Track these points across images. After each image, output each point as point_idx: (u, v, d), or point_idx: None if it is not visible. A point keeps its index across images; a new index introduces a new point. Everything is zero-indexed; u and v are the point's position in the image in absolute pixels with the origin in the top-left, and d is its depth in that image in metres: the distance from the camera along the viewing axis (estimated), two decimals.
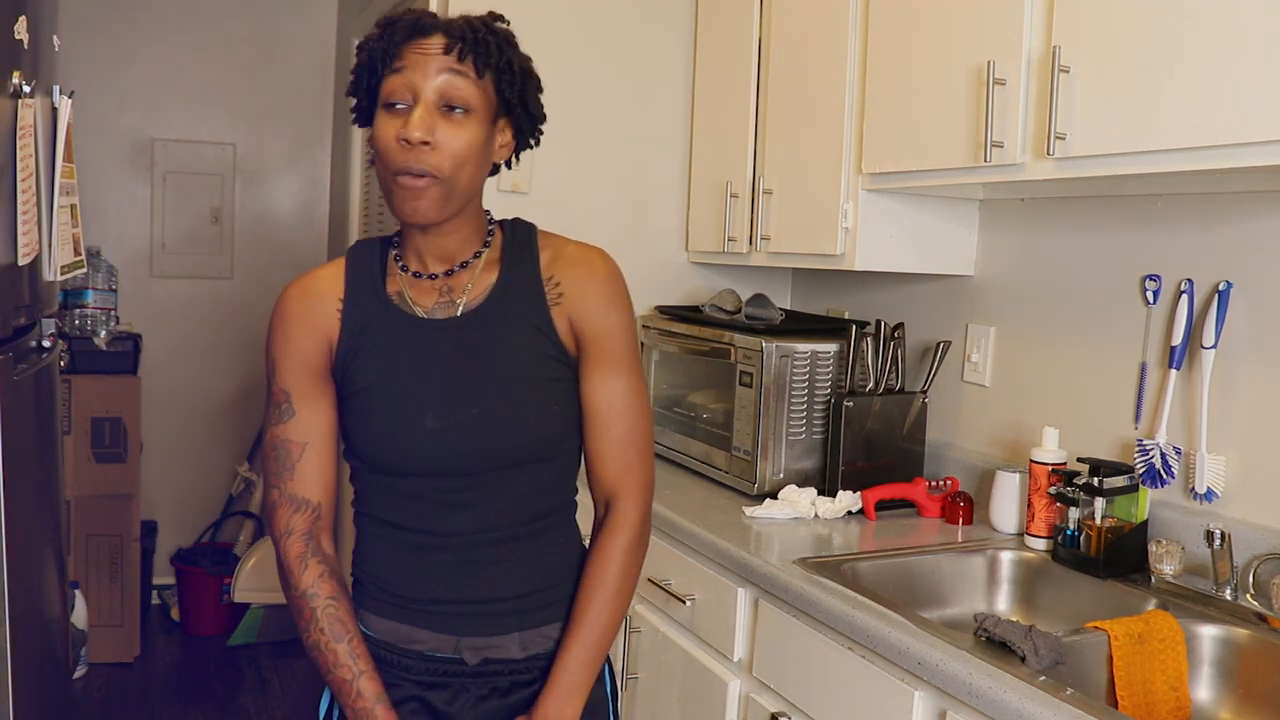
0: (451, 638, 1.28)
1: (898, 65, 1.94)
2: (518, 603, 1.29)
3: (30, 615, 1.76)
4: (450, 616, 1.28)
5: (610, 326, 1.28)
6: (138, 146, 4.01)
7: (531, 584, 1.30)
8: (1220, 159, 1.38)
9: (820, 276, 2.70)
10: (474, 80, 1.19)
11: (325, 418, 1.28)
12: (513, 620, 1.29)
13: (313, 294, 1.29)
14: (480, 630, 1.28)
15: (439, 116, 1.17)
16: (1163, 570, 1.65)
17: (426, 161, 1.17)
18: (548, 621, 1.31)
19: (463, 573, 1.27)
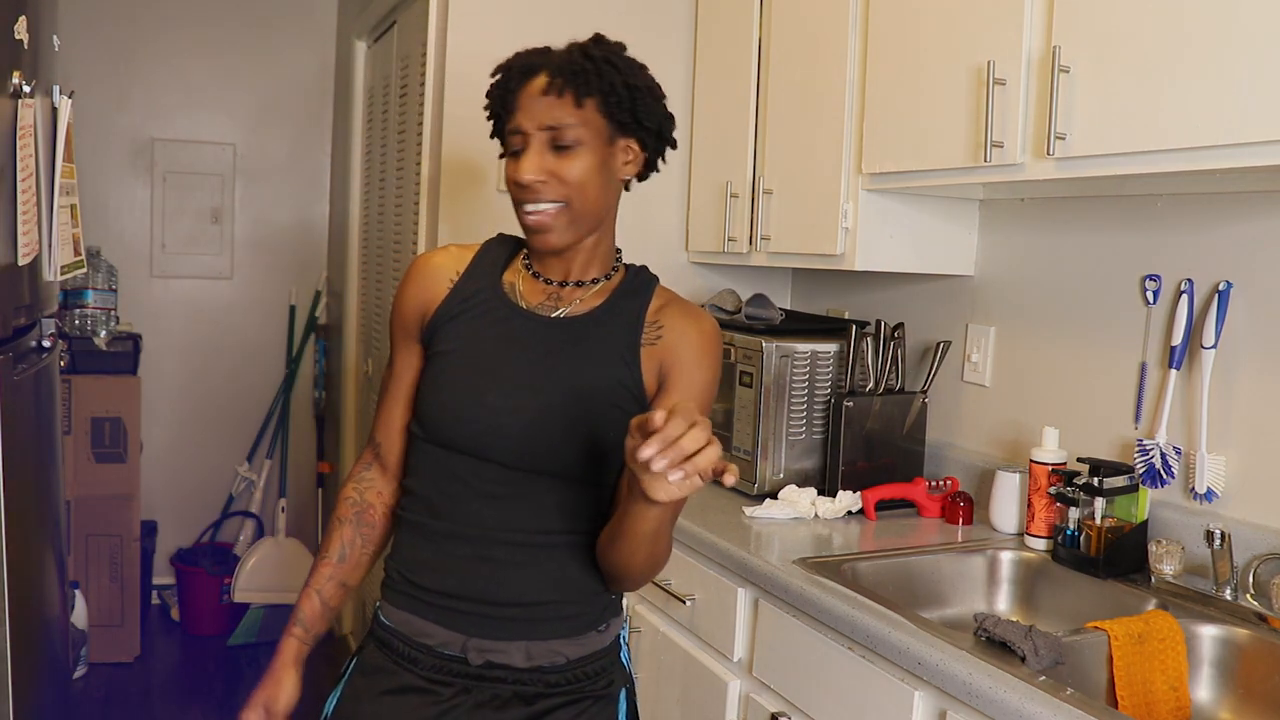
0: (459, 635, 1.27)
1: (898, 65, 1.94)
2: (527, 610, 1.28)
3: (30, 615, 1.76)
4: (460, 614, 1.27)
5: (695, 378, 1.29)
6: (138, 146, 4.01)
7: (543, 594, 1.28)
8: (1220, 159, 1.38)
9: (820, 276, 2.70)
10: (575, 111, 1.23)
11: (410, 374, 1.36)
12: (520, 627, 1.28)
13: (433, 265, 1.36)
14: (487, 632, 1.27)
15: (550, 155, 1.24)
16: (1163, 570, 1.65)
17: (541, 196, 1.24)
18: (556, 636, 1.29)
19: (477, 569, 1.27)
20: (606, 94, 1.25)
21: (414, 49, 2.85)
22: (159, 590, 4.03)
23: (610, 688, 1.33)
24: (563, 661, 1.29)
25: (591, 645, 1.31)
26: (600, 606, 1.32)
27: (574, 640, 1.30)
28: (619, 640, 1.37)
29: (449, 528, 1.28)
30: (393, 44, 3.20)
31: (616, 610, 1.36)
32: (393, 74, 3.16)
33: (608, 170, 1.27)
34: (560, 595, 1.29)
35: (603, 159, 1.26)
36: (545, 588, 1.28)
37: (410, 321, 1.36)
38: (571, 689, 1.29)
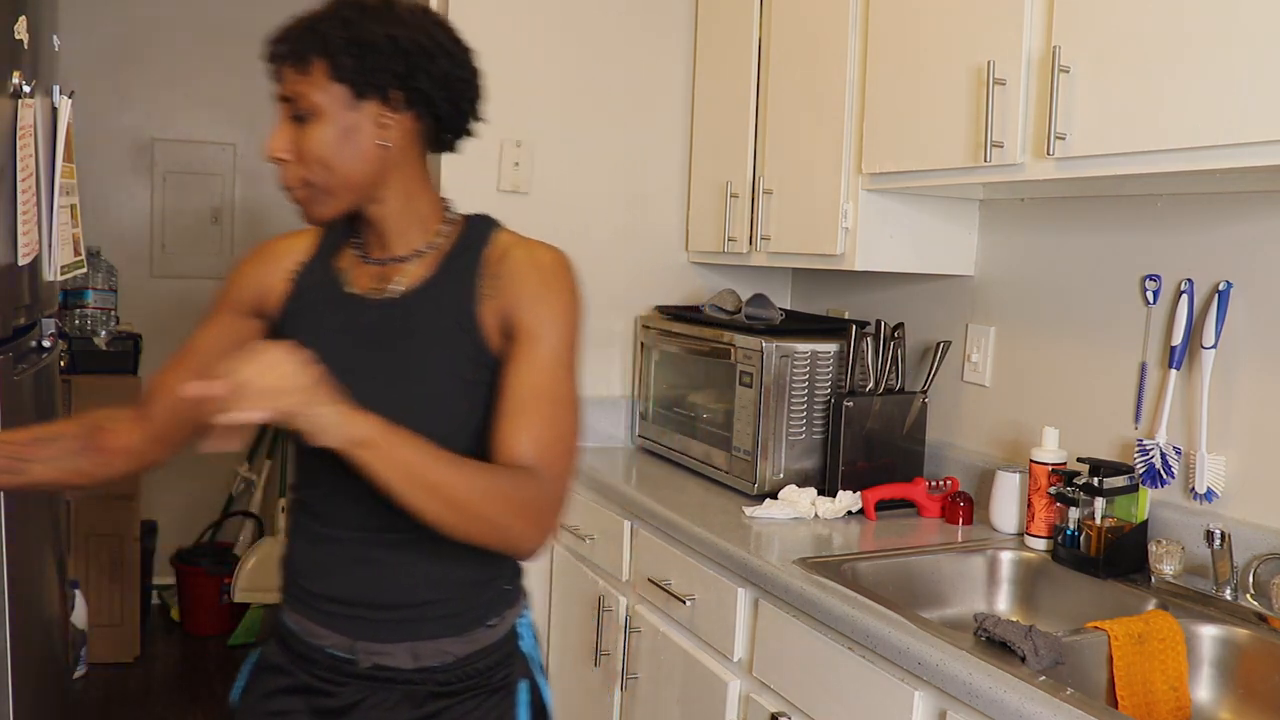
0: (347, 639, 1.25)
1: (898, 65, 1.94)
2: (409, 611, 1.24)
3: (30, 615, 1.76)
4: (345, 617, 1.25)
5: (541, 316, 1.20)
6: (138, 146, 4.01)
7: (423, 594, 1.24)
8: (1220, 159, 1.38)
9: (820, 276, 2.70)
10: (304, 79, 1.16)
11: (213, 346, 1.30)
12: (404, 629, 1.24)
13: (275, 252, 1.33)
14: (372, 635, 1.24)
15: (293, 127, 1.18)
16: (1163, 570, 1.65)
17: (289, 176, 1.19)
18: (442, 635, 1.25)
19: (356, 572, 1.24)
20: (330, 55, 1.15)
21: None
22: (159, 590, 4.03)
23: (507, 680, 1.30)
24: (451, 660, 1.25)
25: (481, 641, 1.28)
26: (486, 601, 1.28)
27: (461, 638, 1.26)
28: (515, 631, 1.33)
29: (328, 531, 1.26)
30: None
31: (509, 601, 1.32)
32: None
33: (355, 139, 1.17)
34: (440, 594, 1.25)
35: (345, 128, 1.16)
36: (424, 587, 1.24)
37: (244, 299, 1.32)
38: (462, 686, 1.26)
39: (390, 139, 1.19)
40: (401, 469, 1.06)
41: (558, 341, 1.21)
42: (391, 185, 1.23)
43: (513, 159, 2.53)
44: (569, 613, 2.49)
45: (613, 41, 2.63)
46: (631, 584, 2.19)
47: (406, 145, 1.22)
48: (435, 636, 1.25)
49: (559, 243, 1.32)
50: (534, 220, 2.68)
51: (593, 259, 2.75)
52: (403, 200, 1.24)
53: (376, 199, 1.23)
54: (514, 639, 1.32)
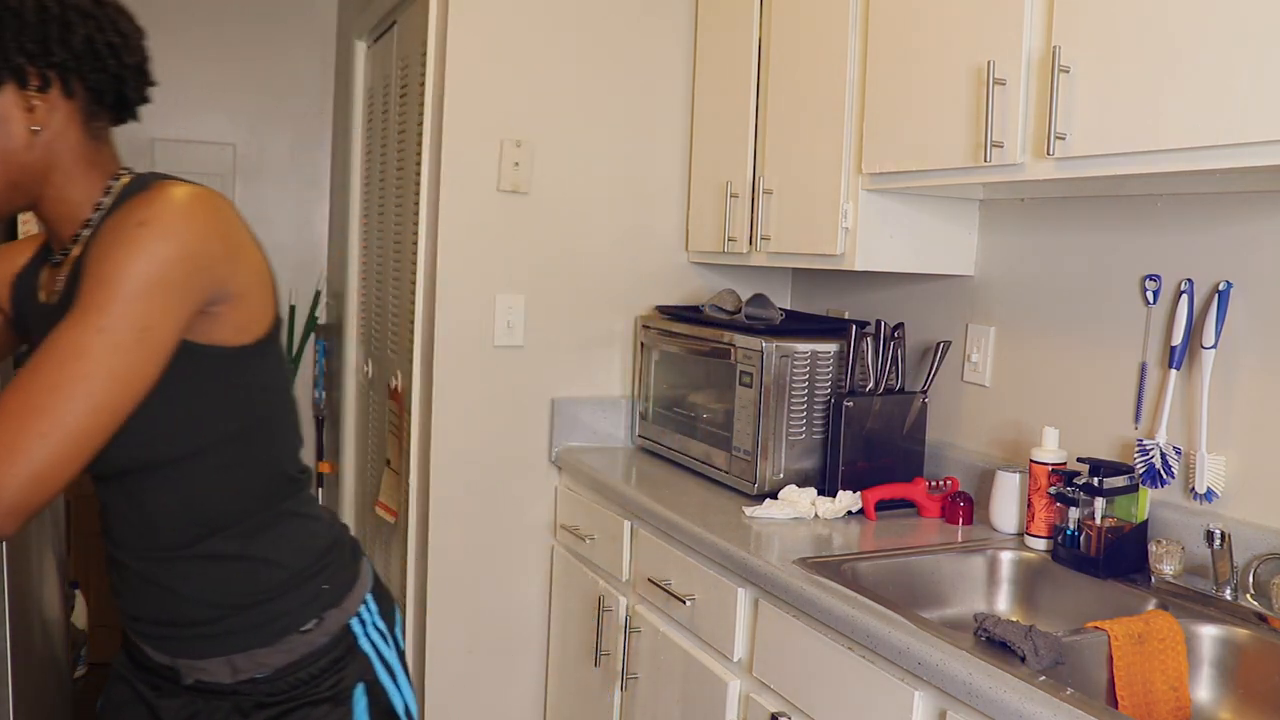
0: (166, 654, 1.21)
1: (898, 65, 1.94)
2: (211, 626, 1.17)
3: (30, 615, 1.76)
4: (156, 636, 1.20)
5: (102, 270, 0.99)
6: (138, 146, 4.01)
7: (223, 607, 1.17)
8: (1220, 159, 1.38)
9: (820, 276, 2.70)
10: None
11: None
12: (214, 643, 1.18)
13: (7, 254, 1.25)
14: (187, 651, 1.19)
15: None
16: (1163, 570, 1.65)
17: None
18: (253, 645, 1.18)
19: (145, 591, 1.19)
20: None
21: (414, 49, 2.85)
22: None
23: (339, 686, 1.21)
24: (270, 671, 1.19)
25: (300, 648, 1.19)
26: (297, 602, 1.19)
27: (274, 647, 1.18)
28: (350, 631, 1.23)
29: (115, 553, 1.20)
30: (393, 44, 3.20)
31: (328, 602, 1.22)
32: (393, 74, 3.16)
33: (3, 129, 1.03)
34: (243, 600, 1.17)
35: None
36: (199, 604, 1.17)
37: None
38: (287, 697, 1.19)
39: (41, 122, 1.05)
40: None
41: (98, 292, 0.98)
42: (56, 173, 1.08)
43: (513, 159, 2.53)
44: (569, 613, 2.49)
45: (613, 42, 2.63)
46: (631, 584, 2.19)
47: (63, 127, 1.07)
48: (246, 648, 1.18)
49: (559, 243, 1.29)
50: (534, 220, 2.69)
51: (593, 259, 2.77)
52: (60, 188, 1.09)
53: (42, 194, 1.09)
54: (349, 639, 1.23)
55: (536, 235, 2.57)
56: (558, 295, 2.60)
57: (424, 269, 2.66)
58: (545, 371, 2.60)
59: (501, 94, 2.52)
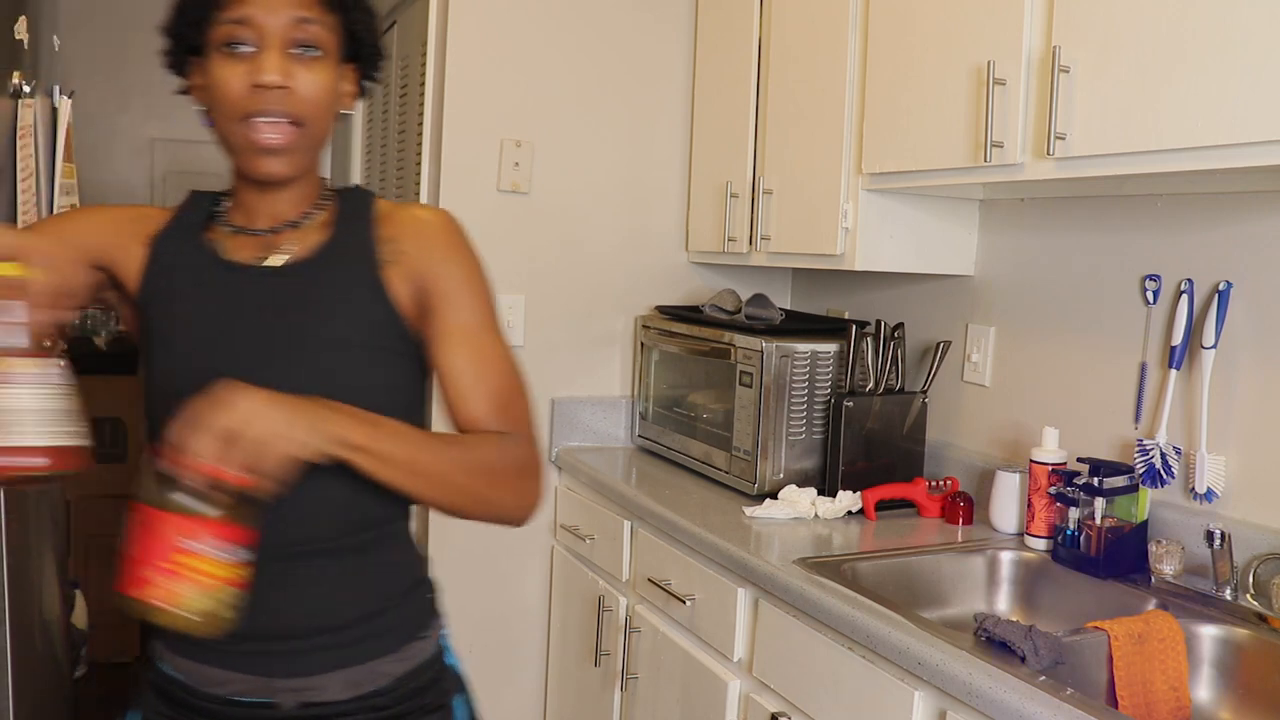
0: (262, 679, 1.08)
1: (898, 65, 1.94)
2: (339, 635, 1.09)
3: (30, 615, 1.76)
4: (258, 655, 1.07)
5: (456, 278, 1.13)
6: (138, 146, 4.01)
7: (357, 611, 1.10)
8: (1221, 159, 1.38)
9: (820, 276, 2.70)
10: (321, 11, 1.06)
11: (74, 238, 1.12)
12: (336, 655, 1.09)
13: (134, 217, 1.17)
14: (298, 669, 1.08)
15: (290, 59, 1.05)
16: (1163, 570, 1.65)
17: (286, 104, 1.05)
18: (378, 655, 1.12)
19: (269, 598, 1.05)
20: (351, 8, 1.10)
21: (414, 49, 2.85)
22: None
23: (444, 697, 1.18)
24: (389, 682, 1.12)
25: (417, 656, 1.15)
26: (418, 608, 1.17)
27: (398, 655, 1.13)
28: (443, 643, 1.22)
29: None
30: (393, 44, 3.20)
31: (435, 610, 1.21)
32: (393, 74, 3.16)
33: (336, 95, 1.10)
34: (375, 607, 1.12)
35: (335, 79, 1.09)
36: (357, 603, 1.11)
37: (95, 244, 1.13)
38: (400, 709, 1.13)
39: (349, 106, 1.14)
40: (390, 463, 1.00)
41: (477, 301, 1.14)
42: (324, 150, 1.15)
43: (513, 159, 2.53)
44: (569, 613, 2.49)
45: (613, 41, 2.63)
46: (631, 584, 2.19)
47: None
48: (371, 658, 1.11)
49: (559, 242, 1.31)
50: (534, 220, 2.69)
51: (593, 259, 2.77)
52: (313, 169, 1.16)
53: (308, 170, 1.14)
54: (443, 650, 1.22)
55: (536, 235, 2.57)
56: (558, 295, 2.60)
57: None
58: (545, 371, 2.60)
59: (501, 94, 2.52)
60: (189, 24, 1.07)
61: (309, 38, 1.05)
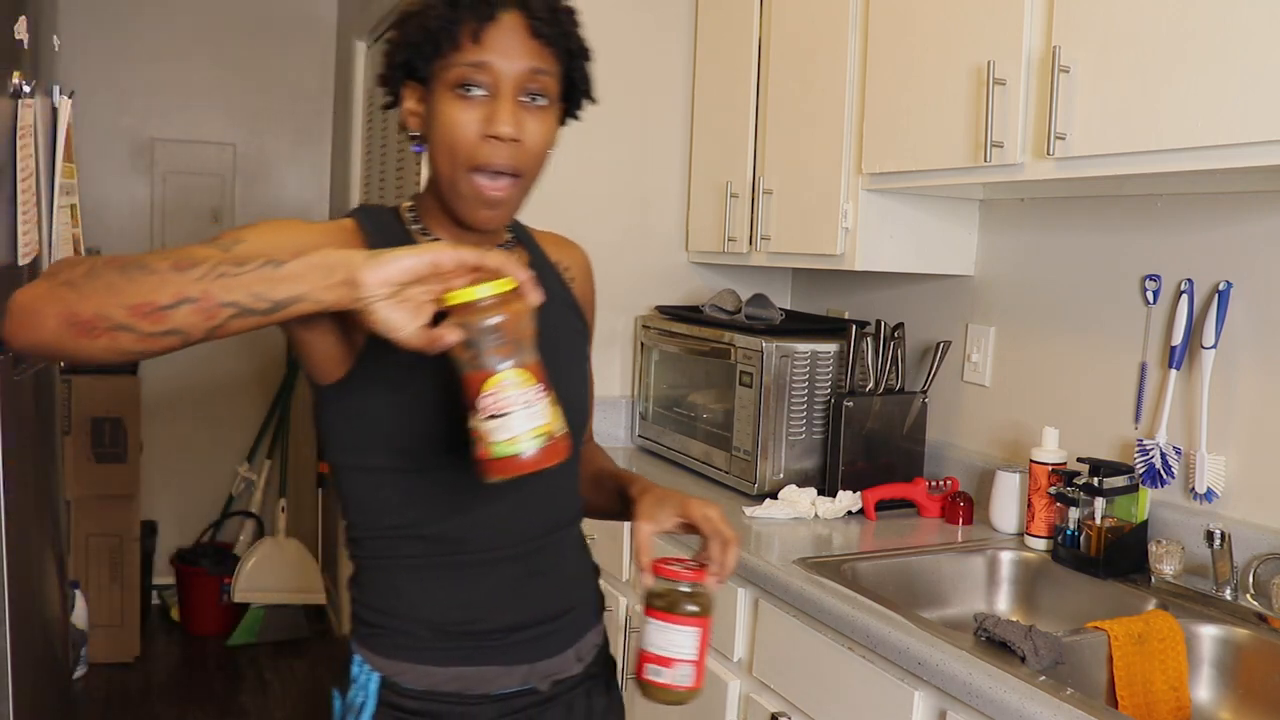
0: (522, 668, 1.13)
1: (898, 65, 1.94)
2: (575, 612, 1.19)
3: (30, 615, 1.76)
4: (522, 644, 1.13)
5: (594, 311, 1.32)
6: (138, 146, 4.01)
7: (584, 586, 1.22)
8: (1220, 159, 1.38)
9: (820, 276, 2.70)
10: (552, 62, 1.07)
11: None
12: (570, 633, 1.18)
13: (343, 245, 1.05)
14: (549, 651, 1.15)
15: (520, 108, 1.05)
16: (1163, 570, 1.65)
17: (515, 158, 1.05)
18: (590, 626, 1.21)
19: (532, 587, 1.14)
20: (575, 55, 1.10)
21: None
22: (159, 590, 4.03)
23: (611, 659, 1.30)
24: (596, 652, 1.23)
25: (602, 623, 1.26)
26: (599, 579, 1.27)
27: (598, 626, 1.24)
28: None
29: (485, 556, 1.11)
30: None
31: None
32: None
33: (553, 142, 1.11)
34: (590, 579, 1.24)
35: (555, 126, 1.11)
36: (583, 579, 1.22)
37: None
38: (604, 674, 1.25)
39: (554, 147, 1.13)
40: None
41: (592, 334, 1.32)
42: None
43: None
44: None
45: (613, 41, 2.62)
46: (631, 584, 2.19)
47: None
48: (586, 630, 1.21)
49: None
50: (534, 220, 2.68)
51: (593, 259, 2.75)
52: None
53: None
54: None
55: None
56: None
57: None
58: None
59: None
60: (421, 57, 1.06)
61: (540, 88, 1.06)
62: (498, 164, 1.04)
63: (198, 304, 0.86)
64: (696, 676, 1.11)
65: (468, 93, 1.03)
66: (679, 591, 1.10)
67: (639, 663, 1.12)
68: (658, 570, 1.12)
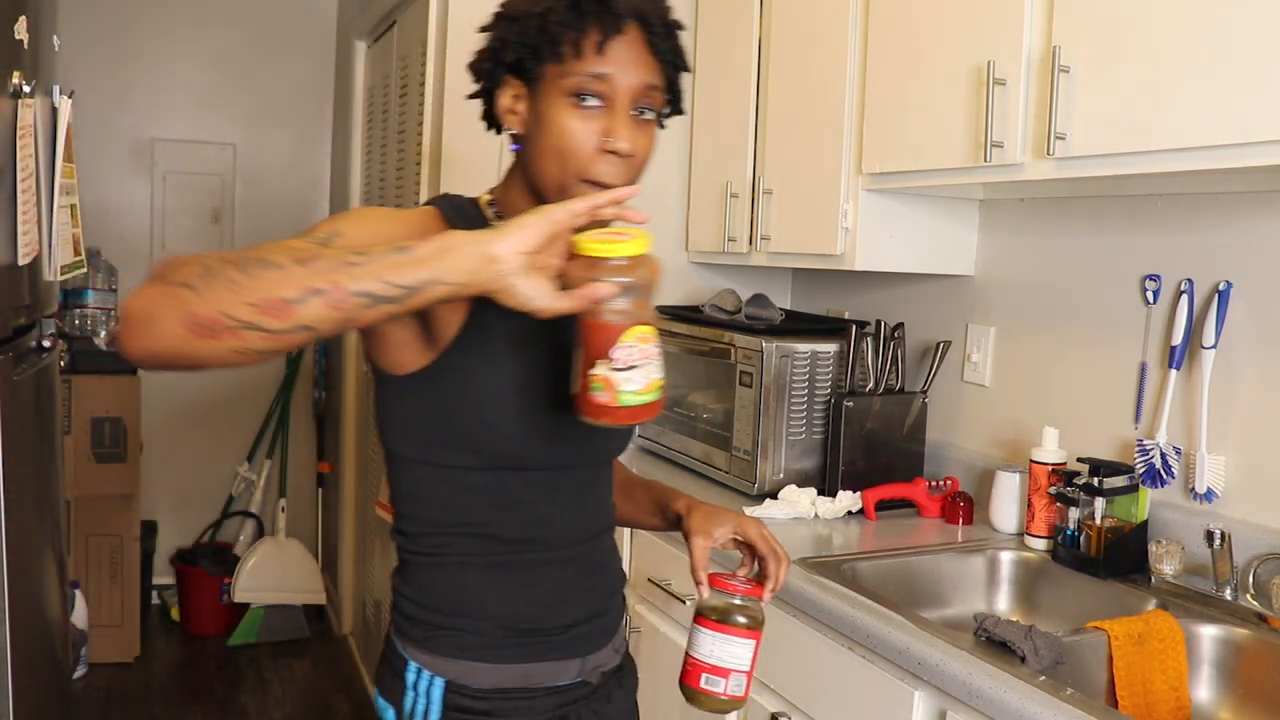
0: (577, 661, 1.16)
1: (898, 65, 1.94)
2: (615, 607, 1.23)
3: (30, 615, 1.76)
4: (578, 639, 1.16)
5: None
6: (138, 146, 4.01)
7: (621, 581, 1.25)
8: (1220, 159, 1.38)
9: (820, 276, 2.70)
10: (662, 84, 1.07)
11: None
12: (612, 624, 1.22)
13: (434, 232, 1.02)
14: (597, 645, 1.18)
15: (632, 122, 1.05)
16: (1163, 570, 1.65)
17: (625, 171, 1.05)
18: (621, 616, 1.26)
19: (586, 582, 1.17)
20: (680, 67, 1.09)
21: (414, 49, 2.85)
22: (159, 590, 4.03)
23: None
24: (624, 641, 1.27)
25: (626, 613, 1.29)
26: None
27: (625, 614, 1.27)
28: None
29: (552, 555, 1.13)
30: (393, 44, 3.20)
31: None
32: (393, 74, 3.16)
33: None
34: (622, 575, 1.27)
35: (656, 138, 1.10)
36: (619, 574, 1.26)
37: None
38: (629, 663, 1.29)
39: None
40: None
41: None
42: None
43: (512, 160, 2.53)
44: None
45: None
46: (632, 584, 2.19)
47: None
48: (619, 621, 1.25)
49: None
50: None
51: None
52: None
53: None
54: None
55: None
56: None
57: None
58: None
59: None
60: (535, 59, 1.04)
61: (649, 102, 1.06)
62: (611, 178, 1.04)
63: (327, 296, 0.83)
64: (748, 687, 1.15)
65: (582, 102, 1.03)
66: (735, 605, 1.14)
67: (690, 671, 1.15)
68: (716, 584, 1.15)
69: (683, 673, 1.16)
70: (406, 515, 1.13)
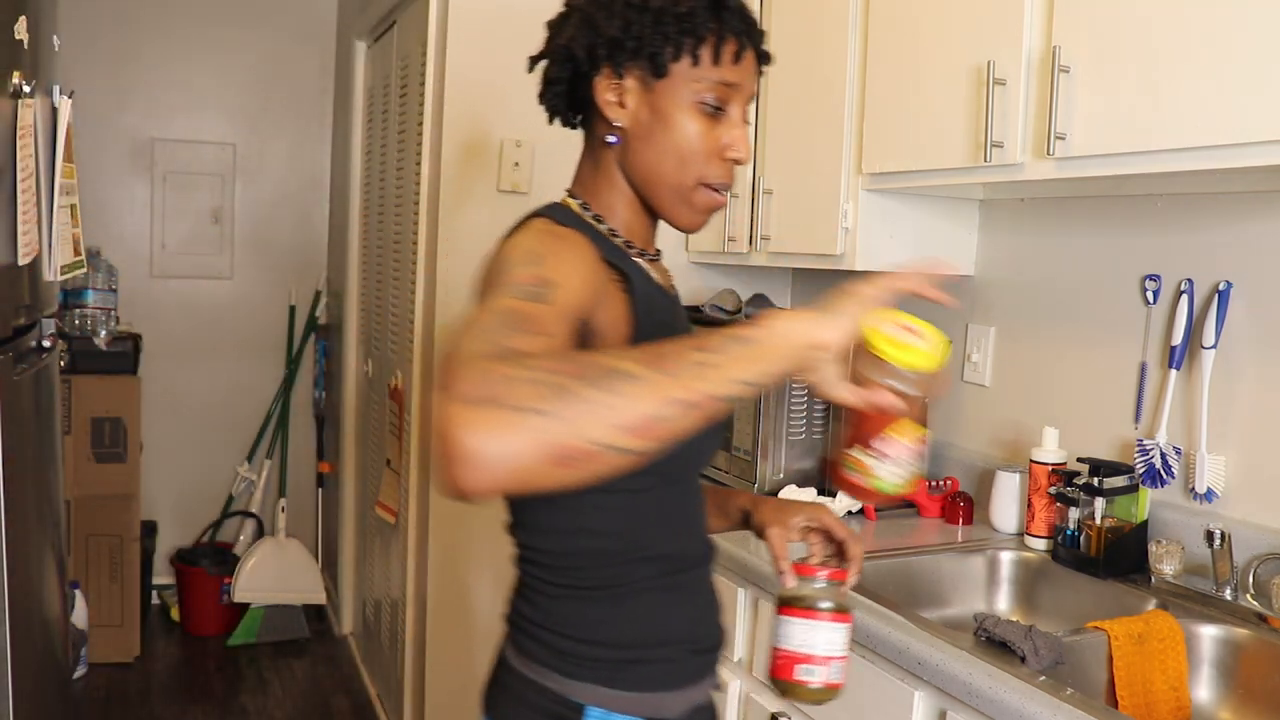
0: (708, 682, 1.15)
1: (898, 65, 1.94)
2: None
3: (30, 615, 1.76)
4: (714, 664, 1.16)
5: None
6: (138, 146, 4.01)
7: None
8: (1220, 159, 1.38)
9: (820, 276, 2.70)
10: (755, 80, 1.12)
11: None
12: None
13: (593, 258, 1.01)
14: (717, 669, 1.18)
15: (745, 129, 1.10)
16: (1163, 570, 1.65)
17: (729, 181, 1.09)
18: None
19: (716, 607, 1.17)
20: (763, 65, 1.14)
21: (414, 49, 2.85)
22: (159, 590, 4.03)
23: None
24: None
25: None
26: None
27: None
28: None
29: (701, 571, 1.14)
30: (393, 44, 3.20)
31: None
32: (393, 74, 3.16)
33: None
34: None
35: None
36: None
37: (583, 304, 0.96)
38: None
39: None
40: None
41: None
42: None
43: (513, 159, 2.53)
44: None
45: None
46: None
47: None
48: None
49: None
50: None
51: None
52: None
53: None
54: None
55: None
56: None
57: (424, 269, 2.65)
58: None
59: (501, 94, 2.52)
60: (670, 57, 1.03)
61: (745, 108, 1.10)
62: (727, 182, 1.07)
63: (695, 406, 0.76)
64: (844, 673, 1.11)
65: (710, 107, 1.05)
66: (822, 590, 1.11)
67: (782, 665, 1.10)
68: (801, 571, 1.12)
69: (773, 667, 1.10)
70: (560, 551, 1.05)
